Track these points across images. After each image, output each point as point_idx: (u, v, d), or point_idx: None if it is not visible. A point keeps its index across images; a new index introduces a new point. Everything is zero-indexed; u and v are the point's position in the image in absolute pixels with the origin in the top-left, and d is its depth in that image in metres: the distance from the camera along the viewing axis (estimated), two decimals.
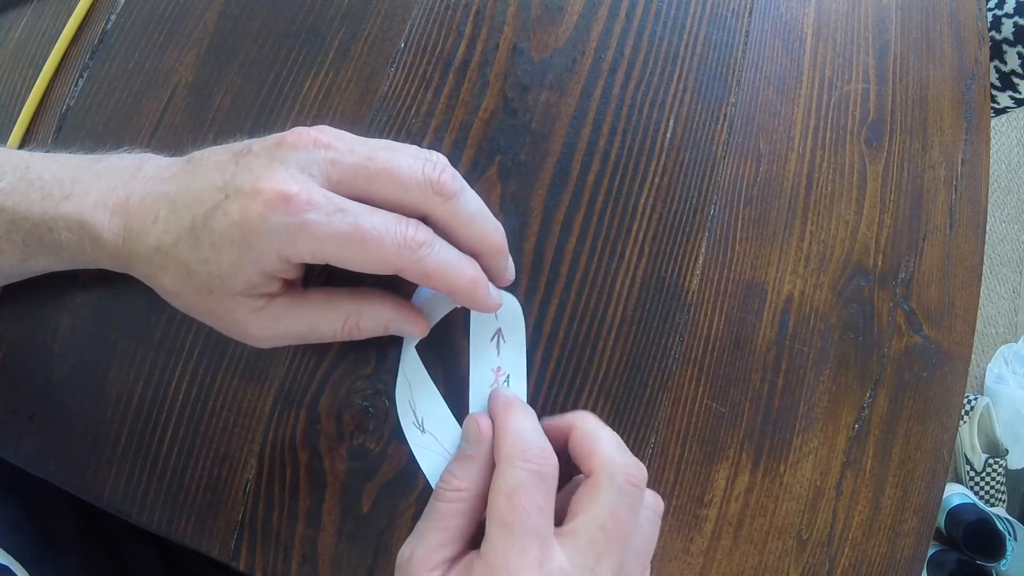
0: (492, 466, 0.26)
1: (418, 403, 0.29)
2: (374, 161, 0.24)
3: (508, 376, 0.30)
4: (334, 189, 0.24)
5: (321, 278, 0.30)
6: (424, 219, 0.25)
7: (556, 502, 0.25)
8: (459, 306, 0.29)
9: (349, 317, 0.26)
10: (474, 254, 0.26)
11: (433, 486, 0.28)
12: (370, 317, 0.26)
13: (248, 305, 0.25)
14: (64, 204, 0.25)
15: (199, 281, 0.24)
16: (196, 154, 0.25)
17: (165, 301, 0.26)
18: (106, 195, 0.25)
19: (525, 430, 0.26)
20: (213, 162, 0.24)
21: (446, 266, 0.24)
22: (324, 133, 0.24)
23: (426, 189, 0.24)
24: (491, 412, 0.27)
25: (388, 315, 0.27)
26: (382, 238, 0.23)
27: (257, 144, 0.24)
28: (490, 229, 0.26)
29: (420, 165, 0.24)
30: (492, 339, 0.30)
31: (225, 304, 0.25)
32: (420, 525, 0.26)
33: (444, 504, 0.26)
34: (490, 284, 0.26)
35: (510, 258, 0.28)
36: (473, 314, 0.30)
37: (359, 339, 0.27)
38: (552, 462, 0.25)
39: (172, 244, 0.24)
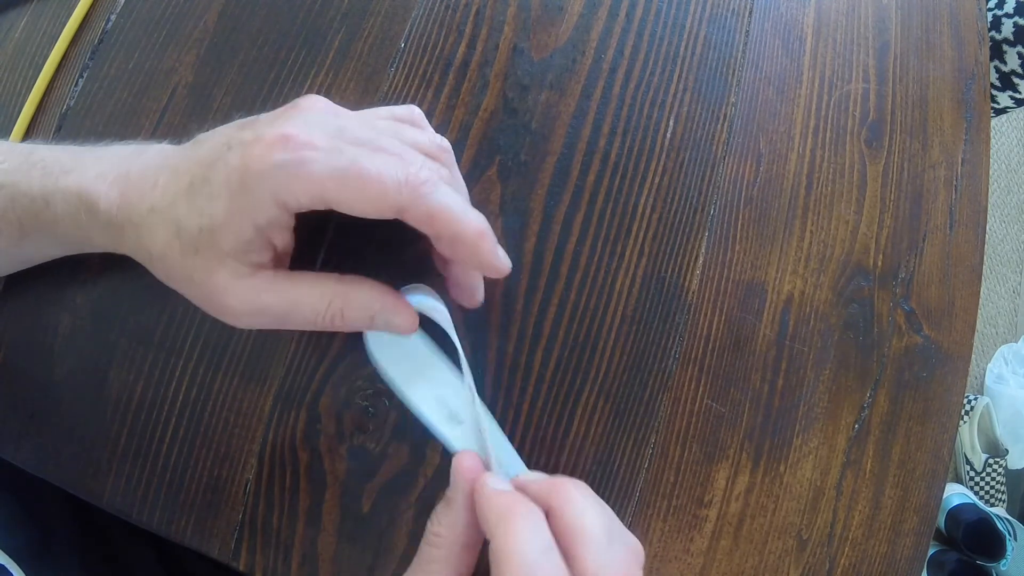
0: (471, 517, 0.24)
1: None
2: (382, 134, 0.24)
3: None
4: None
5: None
6: None
7: None
8: (447, 305, 0.27)
9: (334, 300, 0.24)
10: (470, 233, 0.24)
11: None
12: (356, 303, 0.25)
13: (232, 269, 0.23)
14: (64, 178, 0.25)
15: (187, 238, 0.23)
16: (203, 134, 0.26)
17: (165, 301, 0.26)
18: (108, 169, 0.25)
19: (533, 560, 0.21)
20: (220, 133, 0.25)
21: (451, 208, 0.22)
22: (336, 107, 0.25)
23: (433, 147, 0.25)
24: (481, 515, 0.23)
25: (375, 304, 0.25)
26: (382, 174, 0.22)
27: (265, 113, 0.25)
28: (477, 217, 0.24)
29: (426, 135, 0.26)
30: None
31: (208, 265, 0.23)
32: (413, 565, 0.24)
33: (427, 548, 0.24)
34: (495, 241, 0.24)
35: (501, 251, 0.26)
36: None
37: (341, 330, 0.25)
38: None
39: (168, 204, 0.24)
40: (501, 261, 0.24)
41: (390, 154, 0.23)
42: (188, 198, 0.23)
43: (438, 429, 0.27)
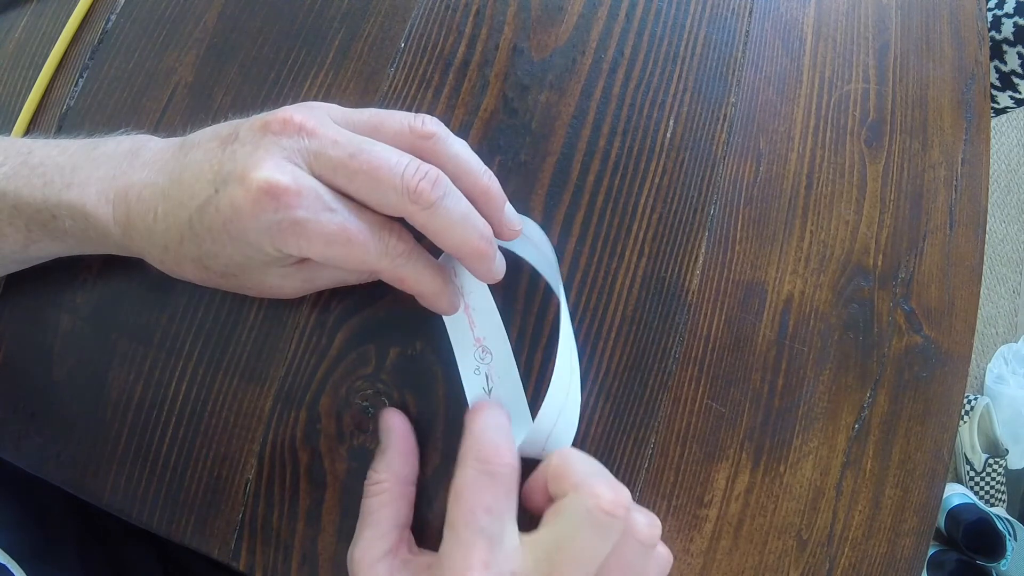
0: (405, 456, 0.28)
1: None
2: (355, 160, 0.23)
3: (487, 345, 0.30)
4: (315, 177, 0.24)
5: None
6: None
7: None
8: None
9: (372, 272, 0.28)
10: (455, 257, 0.26)
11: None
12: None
13: (278, 273, 0.26)
14: (66, 192, 0.25)
15: (218, 270, 0.25)
16: (189, 138, 0.26)
17: (165, 301, 0.26)
18: (106, 185, 0.25)
19: (482, 429, 0.25)
20: (202, 150, 0.25)
21: (419, 274, 0.26)
22: (311, 117, 0.24)
23: (403, 197, 0.23)
24: (466, 418, 0.27)
25: None
26: (367, 243, 0.24)
27: (244, 129, 0.24)
28: (471, 236, 0.25)
29: (401, 169, 0.23)
30: (462, 311, 0.30)
31: (255, 279, 0.26)
32: (357, 525, 0.27)
33: (368, 499, 0.27)
34: (452, 289, 0.28)
35: (498, 258, 0.27)
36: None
37: None
38: (506, 461, 0.24)
39: (178, 243, 0.24)
40: (452, 310, 0.28)
41: (374, 201, 0.24)
42: (194, 240, 0.24)
43: (464, 364, 0.30)
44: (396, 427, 0.28)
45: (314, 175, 0.23)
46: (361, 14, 0.34)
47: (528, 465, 0.30)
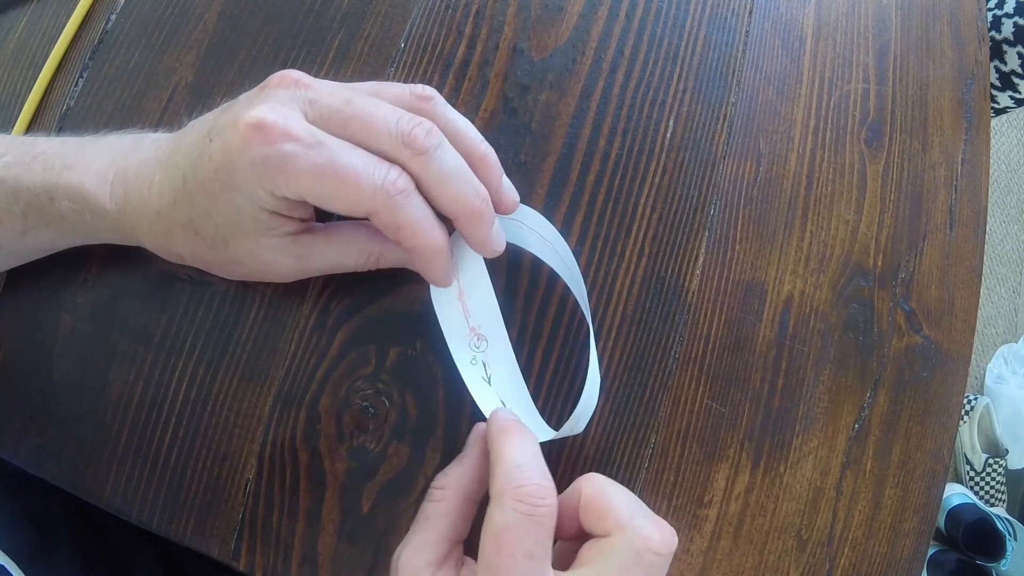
0: (482, 471, 0.26)
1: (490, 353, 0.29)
2: (351, 105, 0.23)
3: (483, 332, 0.29)
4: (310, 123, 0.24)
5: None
6: None
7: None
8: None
9: (371, 255, 0.27)
10: (450, 215, 0.25)
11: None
12: (390, 257, 0.27)
13: (270, 245, 0.25)
14: (66, 174, 0.25)
15: (209, 237, 0.25)
16: (193, 121, 0.26)
17: (165, 301, 0.26)
18: (107, 166, 0.25)
19: (520, 461, 0.24)
20: (201, 119, 0.25)
21: (419, 222, 0.24)
22: (306, 76, 0.24)
23: (397, 141, 0.23)
24: (488, 436, 0.26)
25: (406, 257, 0.27)
26: (358, 176, 0.22)
27: (243, 95, 0.25)
28: (467, 192, 0.24)
29: (396, 117, 0.23)
30: (456, 299, 0.29)
31: (246, 248, 0.25)
32: (411, 526, 0.26)
33: (429, 504, 0.25)
34: (449, 256, 0.25)
35: (495, 228, 0.26)
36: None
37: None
38: (549, 502, 0.23)
39: (171, 205, 0.24)
40: (447, 278, 0.26)
41: (368, 147, 0.23)
42: (188, 199, 0.24)
43: (460, 355, 0.29)
44: (480, 444, 0.27)
45: (309, 121, 0.23)
46: (361, 14, 0.34)
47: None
